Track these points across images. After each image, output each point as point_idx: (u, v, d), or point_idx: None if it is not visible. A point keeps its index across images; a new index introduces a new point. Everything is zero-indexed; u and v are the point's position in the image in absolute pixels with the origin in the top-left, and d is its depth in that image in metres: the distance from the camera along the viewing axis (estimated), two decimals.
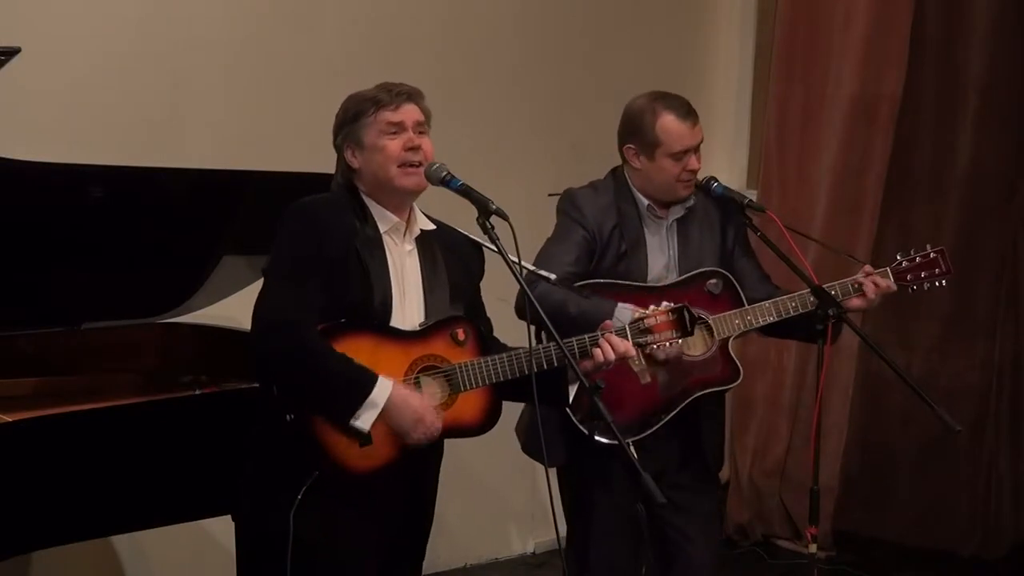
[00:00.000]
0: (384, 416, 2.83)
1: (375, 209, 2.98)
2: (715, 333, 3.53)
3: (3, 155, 3.14)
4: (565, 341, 2.96)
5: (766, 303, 3.55)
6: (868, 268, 3.64)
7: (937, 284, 3.68)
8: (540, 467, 2.98)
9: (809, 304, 3.52)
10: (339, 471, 2.85)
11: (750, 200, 3.64)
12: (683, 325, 3.12)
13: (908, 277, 3.65)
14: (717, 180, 3.67)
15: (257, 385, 2.98)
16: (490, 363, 2.97)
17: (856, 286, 3.58)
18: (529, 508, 5.41)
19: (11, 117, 3.93)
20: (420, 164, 2.96)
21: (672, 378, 3.51)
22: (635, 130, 3.59)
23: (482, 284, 3.20)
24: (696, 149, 3.58)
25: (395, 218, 2.99)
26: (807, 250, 4.60)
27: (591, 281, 3.52)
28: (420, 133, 2.99)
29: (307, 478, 2.82)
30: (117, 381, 3.75)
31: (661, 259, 3.60)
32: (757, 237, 3.68)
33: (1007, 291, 5.67)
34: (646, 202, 3.60)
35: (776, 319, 3.55)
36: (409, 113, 2.98)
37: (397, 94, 2.99)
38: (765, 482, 5.72)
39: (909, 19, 5.41)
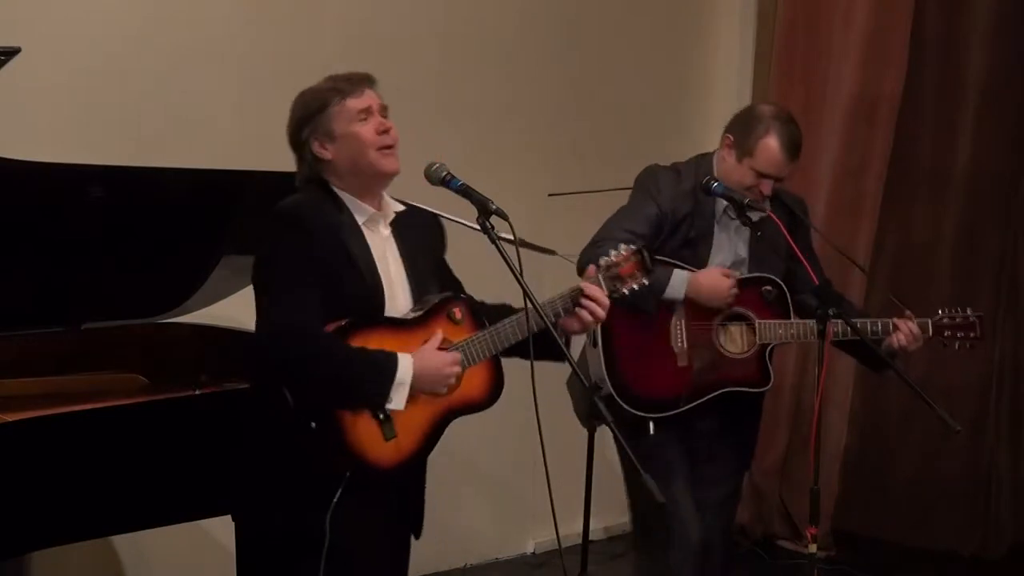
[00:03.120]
0: (416, 389, 2.86)
1: (350, 201, 2.98)
2: (757, 336, 3.59)
3: (3, 155, 3.14)
4: (548, 301, 3.00)
5: (811, 322, 3.60)
6: (909, 313, 3.73)
7: (969, 347, 3.80)
8: (540, 466, 2.97)
9: (851, 333, 3.60)
10: (371, 470, 2.87)
11: (750, 200, 3.65)
12: (645, 265, 3.12)
13: (945, 333, 3.76)
14: (718, 180, 3.68)
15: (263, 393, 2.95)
16: (488, 336, 2.99)
17: (893, 327, 3.69)
18: (529, 508, 5.40)
19: (11, 117, 3.93)
20: (394, 146, 2.97)
21: (706, 367, 3.61)
22: (743, 127, 3.67)
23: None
24: (778, 180, 3.66)
25: (371, 208, 3.00)
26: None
27: (658, 258, 3.57)
28: (385, 116, 3.00)
29: (339, 481, 2.82)
30: (117, 381, 3.75)
31: (722, 255, 3.68)
32: (757, 237, 3.69)
33: (1007, 291, 5.67)
34: (725, 203, 3.64)
35: (815, 339, 3.60)
36: (373, 98, 2.99)
37: (358, 81, 2.99)
38: (765, 482, 5.72)
39: (909, 19, 5.41)
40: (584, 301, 3.03)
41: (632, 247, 3.12)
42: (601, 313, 3.03)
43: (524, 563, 5.46)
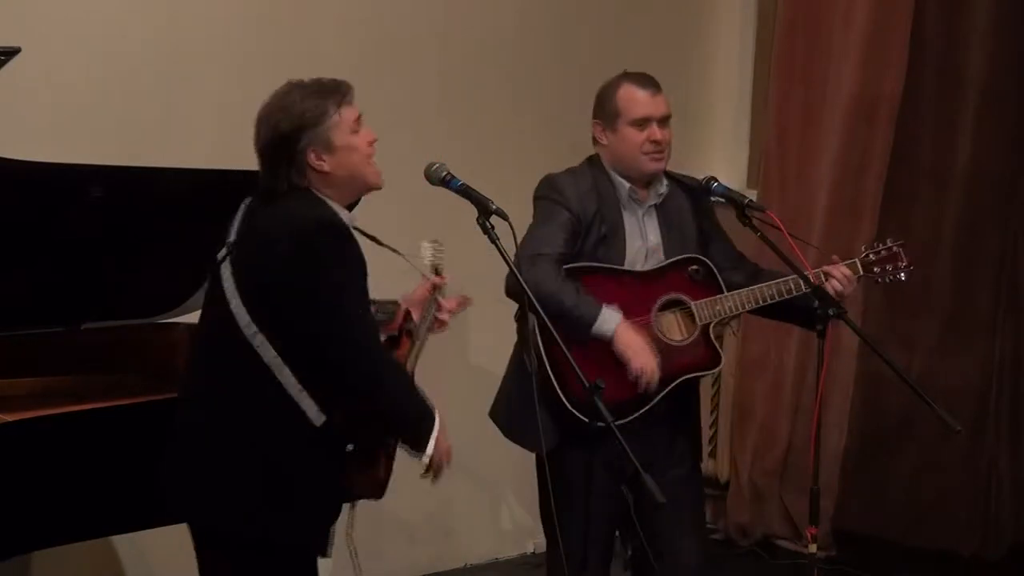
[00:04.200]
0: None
1: (340, 211, 2.93)
2: (696, 319, 3.57)
3: (3, 155, 3.14)
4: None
5: (745, 291, 3.60)
6: (835, 258, 3.70)
7: (901, 277, 3.75)
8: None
9: (785, 292, 3.58)
10: (380, 492, 2.98)
11: (750, 200, 3.64)
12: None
13: (875, 269, 3.72)
14: (717, 180, 3.67)
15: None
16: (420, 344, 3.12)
17: (825, 275, 3.63)
18: (529, 508, 5.40)
19: (11, 117, 3.93)
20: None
21: (657, 363, 3.53)
22: (599, 105, 3.67)
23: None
24: (661, 121, 3.59)
25: (355, 219, 2.99)
26: (806, 250, 4.60)
27: (579, 264, 3.53)
28: None
29: (348, 501, 2.95)
30: (117, 381, 3.75)
31: (637, 243, 3.62)
32: (757, 238, 3.68)
33: (1007, 291, 5.67)
34: (627, 185, 3.62)
35: (756, 306, 3.60)
36: (357, 106, 2.95)
37: (347, 89, 2.94)
38: (765, 482, 5.71)
39: (909, 19, 5.40)
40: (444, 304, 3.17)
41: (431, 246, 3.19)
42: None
43: (524, 563, 5.46)
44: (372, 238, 3.13)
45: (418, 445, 2.88)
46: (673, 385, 3.55)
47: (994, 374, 5.66)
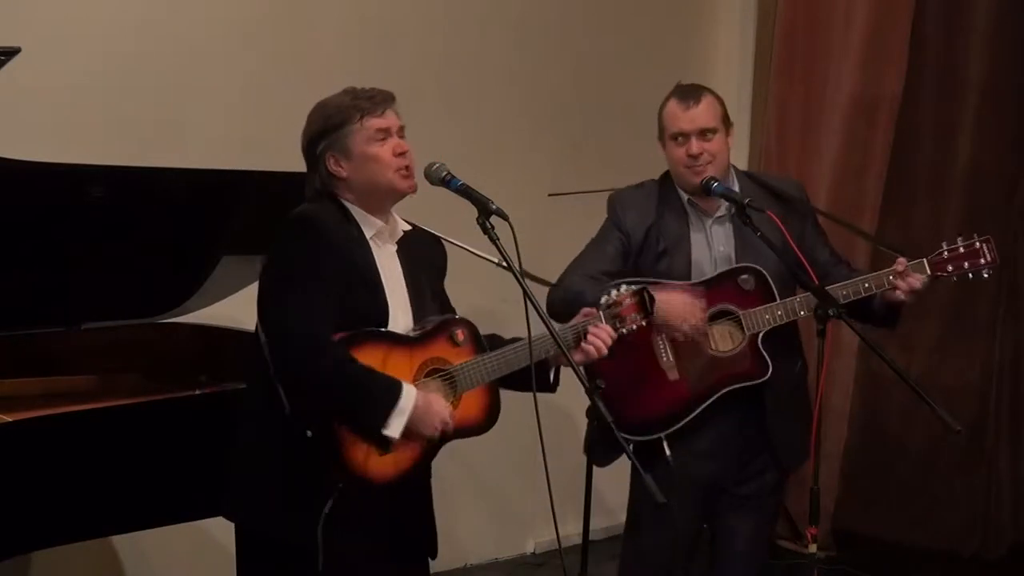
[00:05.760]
0: (409, 422, 2.85)
1: (360, 216, 2.99)
2: (745, 328, 3.55)
3: (3, 155, 3.14)
4: (560, 331, 3.02)
5: (797, 298, 3.55)
6: (902, 261, 3.57)
7: (985, 275, 3.58)
8: (540, 467, 2.97)
9: (847, 296, 3.50)
10: (364, 483, 2.88)
11: (750, 200, 3.63)
12: (644, 306, 3.17)
13: (949, 268, 3.59)
14: (717, 180, 3.66)
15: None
16: (486, 361, 3.01)
17: (890, 281, 3.54)
18: (529, 508, 5.40)
19: (11, 117, 3.93)
20: (411, 166, 2.99)
21: (701, 373, 3.54)
22: (658, 122, 3.66)
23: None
24: (699, 135, 3.56)
25: (380, 222, 3.01)
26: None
27: (626, 280, 3.52)
28: (402, 137, 3.01)
29: (332, 491, 2.83)
30: (117, 381, 3.75)
31: (704, 255, 3.61)
32: (756, 237, 3.67)
33: (1007, 291, 5.67)
34: (686, 197, 3.62)
35: (807, 314, 3.54)
36: (393, 119, 3.01)
37: (381, 100, 3.00)
38: None
39: (909, 19, 5.41)
40: (589, 335, 3.09)
41: (632, 288, 3.17)
42: (604, 349, 3.09)
43: (524, 563, 5.46)
44: (517, 271, 3.15)
45: (377, 423, 2.83)
46: (715, 398, 3.54)
47: (994, 374, 5.66)
